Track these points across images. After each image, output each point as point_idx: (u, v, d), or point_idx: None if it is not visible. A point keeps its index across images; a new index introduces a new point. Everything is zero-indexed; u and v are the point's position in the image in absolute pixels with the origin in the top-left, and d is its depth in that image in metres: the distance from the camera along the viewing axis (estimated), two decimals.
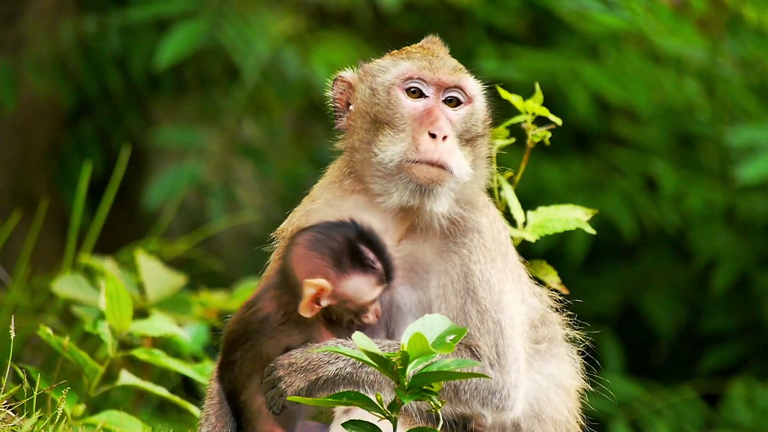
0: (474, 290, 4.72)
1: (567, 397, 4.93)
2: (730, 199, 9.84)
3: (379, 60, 4.92)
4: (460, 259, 4.76)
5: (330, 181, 4.95)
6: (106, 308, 5.58)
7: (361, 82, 4.87)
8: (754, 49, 9.43)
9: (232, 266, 10.88)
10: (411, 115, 4.76)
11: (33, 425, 4.85)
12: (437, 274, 4.75)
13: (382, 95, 4.78)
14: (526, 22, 10.07)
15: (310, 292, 4.66)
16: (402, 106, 4.77)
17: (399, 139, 4.73)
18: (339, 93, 4.90)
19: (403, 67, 4.82)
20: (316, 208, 4.92)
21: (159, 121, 10.82)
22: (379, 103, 4.77)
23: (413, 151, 4.70)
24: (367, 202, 4.82)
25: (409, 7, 9.99)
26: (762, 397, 9.69)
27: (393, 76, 4.81)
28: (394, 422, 4.45)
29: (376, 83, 4.81)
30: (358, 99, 4.85)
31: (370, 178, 4.77)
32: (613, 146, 9.99)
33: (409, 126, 4.74)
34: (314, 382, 4.60)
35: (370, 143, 4.77)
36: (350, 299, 4.69)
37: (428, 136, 4.71)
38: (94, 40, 9.77)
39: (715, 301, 10.23)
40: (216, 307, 7.22)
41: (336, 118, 4.90)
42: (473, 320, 4.70)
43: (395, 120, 4.76)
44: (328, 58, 9.68)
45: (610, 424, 9.49)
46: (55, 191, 10.19)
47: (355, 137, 4.82)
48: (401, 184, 4.71)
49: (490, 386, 4.66)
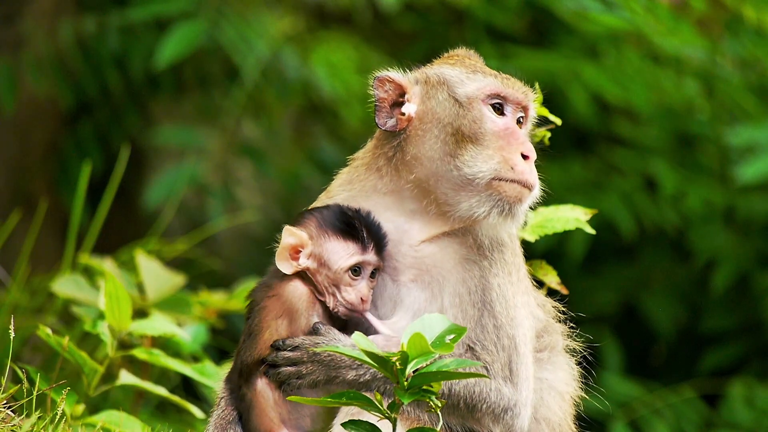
0: (491, 304, 4.75)
1: (561, 401, 4.95)
2: (730, 199, 9.84)
3: (444, 69, 4.90)
4: (480, 271, 4.78)
5: (352, 178, 4.94)
6: (106, 308, 5.58)
7: (432, 88, 4.85)
8: (754, 49, 9.43)
9: (231, 266, 10.88)
10: (495, 133, 4.79)
11: (32, 425, 4.85)
12: (454, 283, 4.77)
13: (467, 108, 4.80)
14: (526, 21, 10.07)
15: (288, 240, 4.69)
16: (487, 121, 4.79)
17: (486, 155, 4.75)
18: (384, 92, 4.86)
19: (487, 82, 4.84)
20: None
21: (158, 121, 10.83)
22: (465, 116, 4.78)
23: (508, 170, 4.74)
24: (396, 203, 4.82)
25: (408, 6, 9.99)
26: (762, 397, 9.69)
27: (476, 90, 4.82)
28: (394, 422, 4.46)
29: (458, 94, 4.82)
30: (430, 106, 4.84)
31: (445, 189, 4.77)
32: (613, 146, 9.99)
33: (493, 143, 4.77)
34: (332, 380, 4.65)
35: (449, 155, 4.78)
36: (326, 263, 4.70)
37: (521, 156, 4.75)
38: (93, 40, 9.77)
39: (715, 301, 10.23)
40: (216, 307, 7.22)
41: (377, 115, 4.86)
42: (489, 334, 4.73)
43: (479, 135, 4.78)
44: (327, 58, 9.68)
45: (610, 424, 9.49)
46: (54, 191, 10.19)
47: (423, 146, 4.81)
48: (488, 201, 4.75)
49: (503, 404, 4.70)
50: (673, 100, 9.62)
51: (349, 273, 4.72)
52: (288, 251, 4.73)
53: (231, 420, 4.79)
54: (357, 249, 4.72)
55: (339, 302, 4.71)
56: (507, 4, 9.86)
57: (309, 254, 4.73)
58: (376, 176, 4.87)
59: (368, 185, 4.88)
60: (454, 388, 4.67)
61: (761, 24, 9.32)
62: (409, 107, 4.84)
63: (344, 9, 10.15)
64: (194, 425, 6.64)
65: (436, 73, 4.88)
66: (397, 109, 4.85)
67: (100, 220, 7.48)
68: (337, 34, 10.04)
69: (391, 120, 4.85)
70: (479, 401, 4.68)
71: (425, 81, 4.87)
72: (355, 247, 4.72)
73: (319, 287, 4.72)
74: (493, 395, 4.68)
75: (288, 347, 4.66)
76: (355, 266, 4.72)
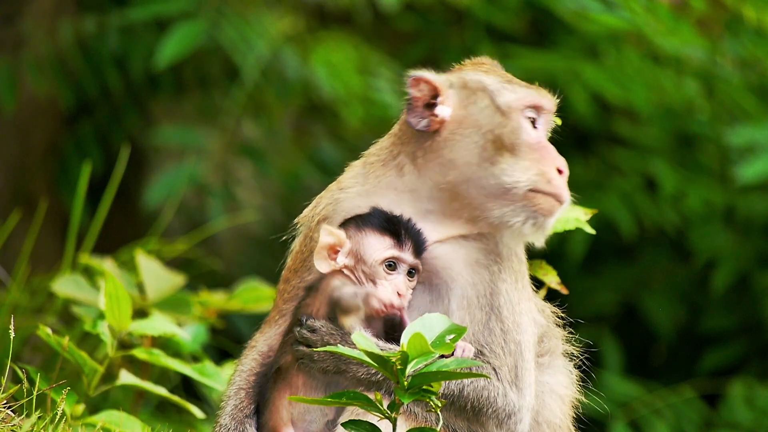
0: (499, 309, 4.77)
1: (562, 403, 4.97)
2: (730, 199, 9.84)
3: (481, 76, 4.91)
4: (489, 275, 4.79)
5: (367, 172, 4.93)
6: (106, 308, 5.58)
7: (473, 94, 4.86)
8: (754, 49, 9.43)
9: (231, 266, 10.88)
10: (530, 144, 4.82)
11: (32, 425, 4.85)
12: (463, 285, 4.78)
13: (508, 117, 4.82)
14: (526, 21, 10.07)
15: (326, 239, 4.71)
16: (524, 133, 4.82)
17: (523, 166, 4.78)
18: (419, 92, 4.85)
19: (525, 93, 4.87)
20: (345, 198, 4.92)
21: (158, 121, 10.83)
22: (506, 125, 4.81)
23: (545, 183, 4.78)
24: (412, 201, 4.83)
25: (408, 6, 9.99)
26: (762, 397, 9.69)
27: (515, 100, 4.85)
28: (394, 422, 4.46)
29: (499, 103, 4.84)
30: (471, 112, 4.85)
31: (478, 195, 4.79)
32: (613, 146, 9.99)
33: (528, 155, 4.80)
34: (342, 372, 4.66)
35: (488, 162, 4.79)
36: (362, 257, 4.71)
37: (556, 170, 4.80)
38: (93, 40, 9.77)
39: (715, 301, 10.23)
40: (216, 307, 7.21)
41: (409, 114, 4.85)
42: (497, 338, 4.74)
43: (517, 146, 4.80)
44: (327, 58, 9.68)
45: (610, 424, 9.49)
46: (54, 191, 10.20)
47: (461, 151, 4.82)
48: (523, 211, 4.78)
49: (508, 409, 4.72)
50: (673, 100, 9.62)
51: (384, 267, 4.72)
52: (326, 250, 4.73)
53: (248, 414, 4.79)
54: (393, 244, 4.72)
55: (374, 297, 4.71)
56: (507, 4, 9.86)
57: (347, 252, 4.73)
58: (395, 173, 4.87)
59: (385, 181, 4.88)
60: (466, 390, 4.68)
61: (761, 24, 9.32)
62: (443, 110, 4.84)
63: (344, 9, 10.14)
64: (194, 425, 6.64)
65: (474, 79, 4.89)
66: (428, 110, 4.85)
67: (100, 220, 7.48)
68: (337, 34, 10.04)
69: (424, 120, 4.85)
70: (486, 404, 4.69)
71: (463, 86, 4.87)
72: (391, 241, 4.72)
73: (357, 285, 4.73)
74: (500, 399, 4.70)
75: (308, 327, 4.67)
76: (391, 260, 4.72)
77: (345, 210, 4.87)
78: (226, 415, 4.80)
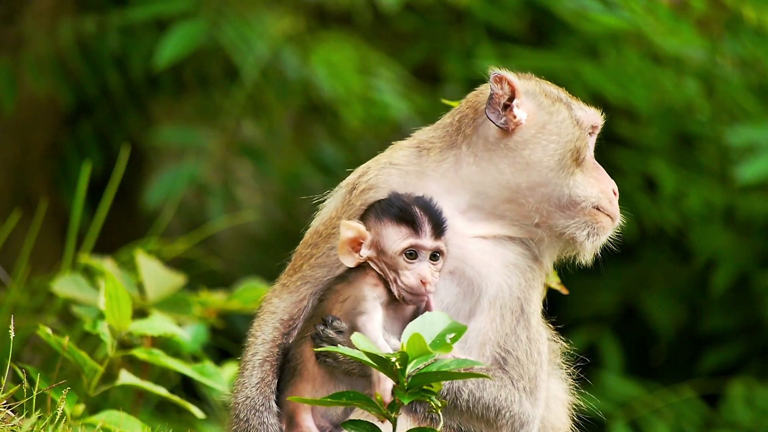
0: (529, 316, 4.80)
1: (563, 409, 4.99)
2: (730, 199, 9.84)
3: (551, 88, 5.00)
4: (525, 281, 4.83)
5: (423, 155, 4.94)
6: (106, 308, 5.58)
7: (555, 103, 4.94)
8: (754, 49, 9.43)
9: (231, 266, 10.88)
10: (591, 163, 4.95)
11: (32, 425, 4.85)
12: (498, 285, 4.79)
13: (585, 134, 4.93)
14: (526, 22, 10.07)
15: (346, 234, 4.73)
16: (590, 151, 4.96)
17: (589, 183, 4.89)
18: (501, 90, 4.88)
19: (591, 113, 4.99)
20: (397, 172, 4.92)
21: (158, 121, 10.82)
22: (583, 140, 4.91)
23: (607, 201, 4.91)
24: (463, 192, 4.85)
25: (408, 6, 9.98)
26: (762, 397, 9.69)
27: (585, 117, 4.97)
28: (394, 422, 4.46)
29: (578, 117, 4.95)
30: (554, 120, 4.92)
31: (543, 201, 4.84)
32: (613, 146, 9.99)
33: (591, 173, 4.93)
34: (368, 377, 4.62)
35: (565, 172, 4.86)
36: (383, 249, 4.72)
37: (612, 192, 4.92)
38: (93, 40, 9.77)
39: (715, 301, 10.23)
40: (216, 307, 7.21)
41: (490, 110, 4.87)
42: (522, 345, 4.77)
43: (585, 162, 4.91)
44: (327, 58, 9.68)
45: (610, 424, 9.49)
46: (54, 191, 10.19)
47: (540, 155, 4.87)
48: (585, 226, 4.89)
49: (523, 418, 4.73)
50: (673, 100, 9.62)
51: (404, 256, 4.72)
52: (348, 245, 4.75)
53: (273, 389, 4.76)
54: (410, 232, 4.72)
55: (400, 287, 4.70)
56: (507, 4, 9.85)
57: (369, 244, 4.74)
58: (452, 162, 4.89)
59: (441, 167, 4.89)
60: (489, 394, 4.68)
61: (761, 24, 9.32)
62: (520, 113, 4.88)
63: (344, 9, 10.14)
64: (194, 425, 6.64)
65: (552, 90, 4.98)
66: (504, 110, 4.88)
67: (100, 220, 7.48)
68: (337, 34, 10.04)
69: (502, 118, 4.87)
70: (504, 408, 4.70)
71: (544, 93, 4.94)
72: (407, 230, 4.72)
73: (383, 276, 4.73)
74: (516, 407, 4.71)
75: (334, 328, 4.68)
76: (410, 249, 4.72)
77: (395, 184, 4.88)
78: (252, 387, 4.77)
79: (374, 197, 4.86)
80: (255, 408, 4.73)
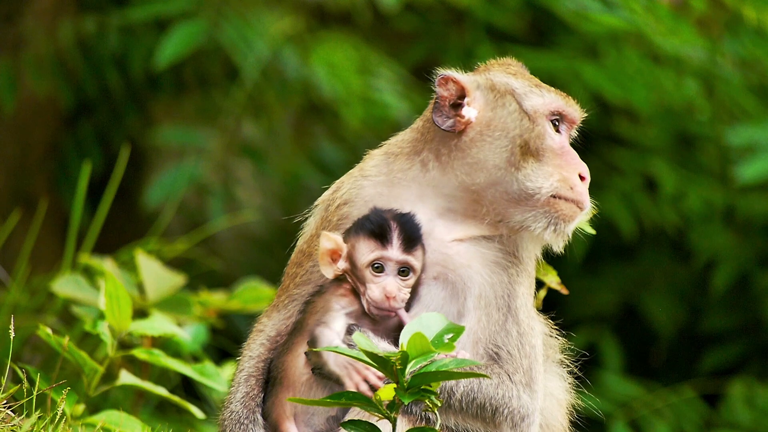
0: (516, 311, 4.78)
1: (560, 408, 4.99)
2: (730, 199, 9.84)
3: (508, 79, 4.91)
4: (507, 277, 4.81)
5: (391, 163, 4.94)
6: (106, 308, 5.58)
7: (501, 97, 4.87)
8: (754, 49, 9.43)
9: (231, 266, 10.88)
10: (553, 150, 4.85)
11: (32, 425, 4.85)
12: (481, 284, 4.79)
13: (534, 122, 4.84)
14: (526, 21, 10.07)
15: (324, 245, 4.75)
16: (549, 139, 4.85)
17: (546, 172, 4.81)
18: (446, 91, 4.86)
19: (551, 98, 4.89)
20: (368, 184, 4.92)
21: (158, 121, 10.82)
22: (532, 130, 4.82)
23: (567, 189, 4.81)
24: (434, 197, 4.84)
25: (408, 6, 9.98)
26: (762, 397, 9.69)
27: (542, 105, 4.87)
28: (394, 422, 4.46)
29: (526, 107, 4.85)
30: (499, 115, 4.86)
31: (501, 198, 4.81)
32: (613, 146, 9.99)
33: (552, 160, 4.83)
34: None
35: (513, 167, 4.80)
36: (354, 262, 4.74)
37: (578, 177, 4.83)
38: (93, 40, 9.77)
39: (715, 301, 10.23)
40: (216, 307, 7.21)
41: (435, 113, 4.85)
42: (513, 340, 4.76)
43: (541, 151, 4.83)
44: (327, 58, 9.68)
45: (610, 424, 9.49)
46: (54, 191, 10.19)
47: (488, 153, 4.83)
48: (544, 217, 4.81)
49: (522, 411, 4.73)
50: (673, 100, 9.62)
51: (371, 269, 4.73)
52: (328, 256, 4.78)
53: (258, 403, 4.79)
54: (377, 245, 4.73)
55: (368, 300, 4.72)
56: (507, 4, 9.85)
57: (345, 256, 4.77)
58: (419, 168, 4.88)
59: (410, 174, 4.88)
60: (485, 391, 4.68)
61: (761, 24, 9.32)
62: (469, 111, 4.85)
63: (344, 9, 10.14)
64: (194, 425, 6.64)
65: (502, 81, 4.89)
66: (454, 110, 4.85)
67: (100, 220, 7.48)
68: (337, 34, 10.04)
69: (450, 120, 4.84)
70: (502, 405, 4.70)
71: (491, 88, 4.88)
72: (375, 243, 4.73)
73: (355, 289, 4.75)
74: (515, 402, 4.71)
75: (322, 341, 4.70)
76: (376, 262, 4.73)
77: (368, 196, 4.88)
78: (237, 402, 4.81)
79: (349, 212, 4.88)
80: (240, 422, 4.76)
